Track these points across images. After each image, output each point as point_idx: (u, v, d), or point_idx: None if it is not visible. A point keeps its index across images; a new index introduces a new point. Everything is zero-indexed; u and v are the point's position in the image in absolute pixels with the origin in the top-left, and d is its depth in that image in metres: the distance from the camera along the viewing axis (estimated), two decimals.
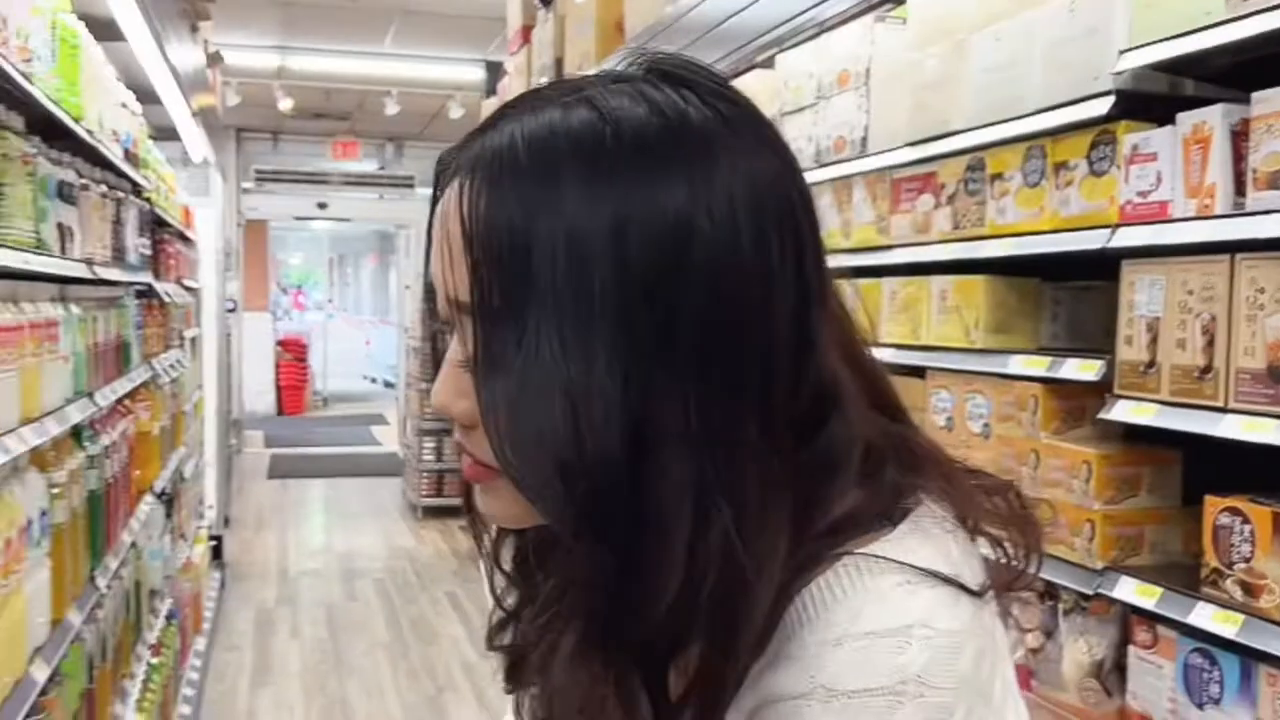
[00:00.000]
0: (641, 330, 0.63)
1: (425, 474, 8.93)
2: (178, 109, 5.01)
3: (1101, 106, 1.97)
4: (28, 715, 2.19)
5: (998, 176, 2.28)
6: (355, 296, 28.23)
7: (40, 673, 2.24)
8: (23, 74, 2.13)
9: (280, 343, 15.32)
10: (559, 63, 5.05)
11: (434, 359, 0.77)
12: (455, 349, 0.71)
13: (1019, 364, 2.20)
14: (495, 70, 7.05)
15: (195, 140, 5.92)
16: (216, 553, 6.96)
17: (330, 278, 30.41)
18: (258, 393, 14.46)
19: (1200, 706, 1.80)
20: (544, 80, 5.32)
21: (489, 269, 0.65)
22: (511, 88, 6.27)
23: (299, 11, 7.74)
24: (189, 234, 6.04)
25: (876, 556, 0.66)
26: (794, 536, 0.66)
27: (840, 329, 0.74)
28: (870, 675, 0.62)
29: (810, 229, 0.70)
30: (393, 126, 11.59)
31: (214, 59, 6.02)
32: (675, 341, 0.64)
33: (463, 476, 0.76)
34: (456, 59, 8.63)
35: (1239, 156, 1.77)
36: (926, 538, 0.68)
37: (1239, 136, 1.77)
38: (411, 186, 12.86)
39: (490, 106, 7.06)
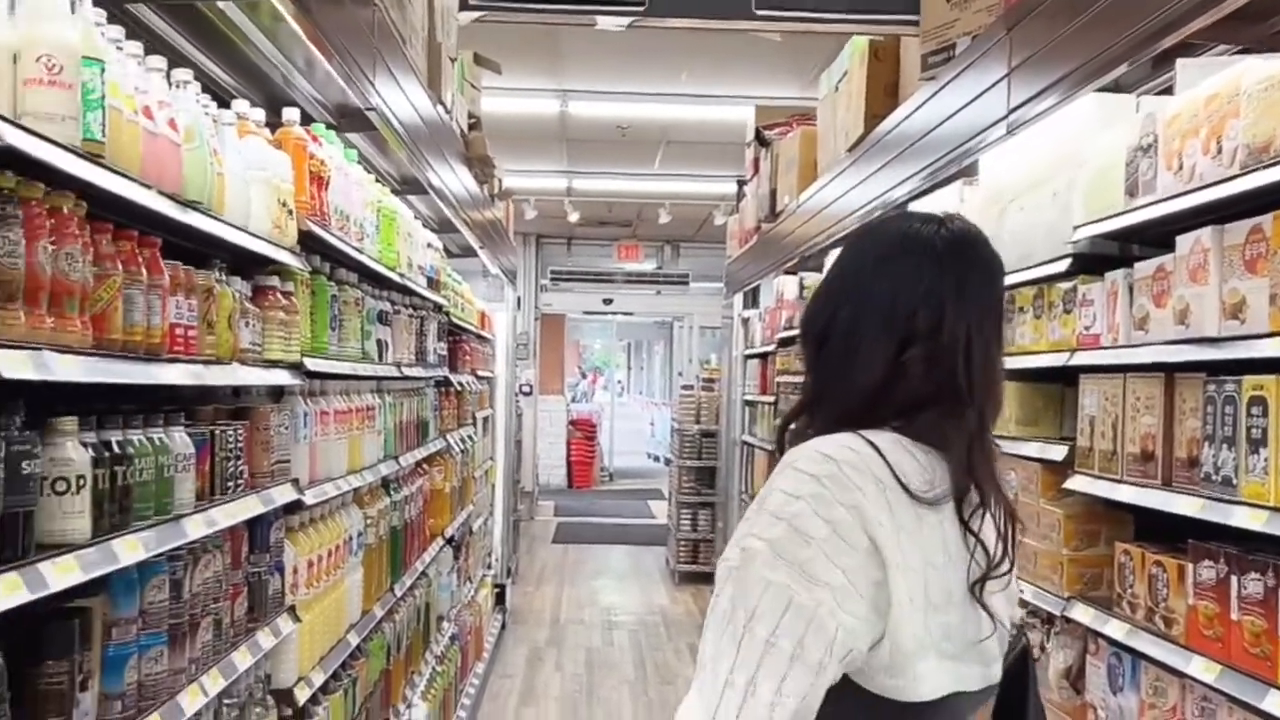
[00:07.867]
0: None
1: (683, 543, 9.98)
2: (469, 234, 6.35)
3: (1063, 265, 2.75)
4: (342, 666, 3.34)
5: (1022, 309, 3.06)
6: (648, 380, 30.04)
7: (353, 638, 3.39)
8: (356, 249, 3.34)
9: (572, 422, 16.89)
10: (773, 193, 6.04)
11: None
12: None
13: (1031, 449, 2.95)
14: (742, 188, 8.06)
15: (487, 256, 7.31)
16: (500, 599, 8.24)
17: (627, 363, 32.47)
18: (551, 467, 16.07)
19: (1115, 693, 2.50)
20: (767, 206, 6.31)
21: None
22: (748, 207, 7.32)
23: (578, 146, 9.19)
24: (484, 334, 7.40)
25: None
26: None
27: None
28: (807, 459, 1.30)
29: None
30: (668, 231, 12.93)
31: (504, 194, 7.42)
32: None
33: None
34: (715, 176, 9.80)
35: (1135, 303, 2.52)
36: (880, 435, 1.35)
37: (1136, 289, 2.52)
38: (686, 283, 14.14)
39: (735, 221, 8.13)
